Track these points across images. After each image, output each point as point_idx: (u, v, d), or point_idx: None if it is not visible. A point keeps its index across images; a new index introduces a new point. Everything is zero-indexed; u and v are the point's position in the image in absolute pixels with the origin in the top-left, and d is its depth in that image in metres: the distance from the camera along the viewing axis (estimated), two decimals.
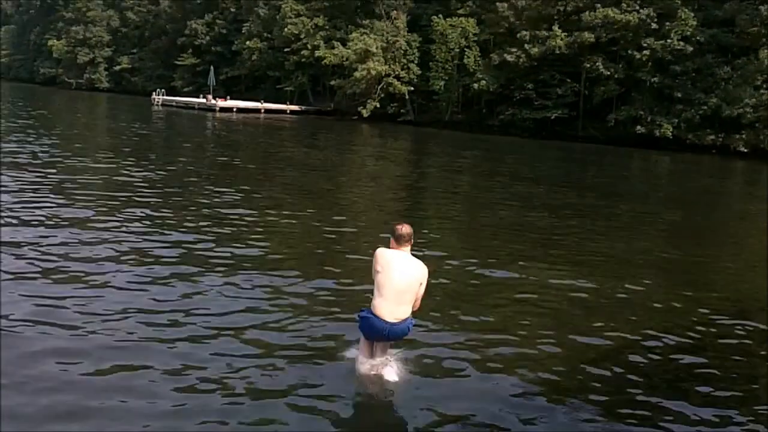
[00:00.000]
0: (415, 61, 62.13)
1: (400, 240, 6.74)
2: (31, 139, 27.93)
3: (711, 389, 7.30)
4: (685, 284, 11.83)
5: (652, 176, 35.69)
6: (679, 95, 49.65)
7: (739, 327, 9.40)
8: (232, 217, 14.65)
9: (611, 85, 52.06)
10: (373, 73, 60.57)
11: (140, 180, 18.98)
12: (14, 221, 12.67)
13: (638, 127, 50.38)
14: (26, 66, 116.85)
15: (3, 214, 13.12)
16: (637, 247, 15.00)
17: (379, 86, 61.91)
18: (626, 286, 11.15)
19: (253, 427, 5.86)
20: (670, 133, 49.29)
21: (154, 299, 8.84)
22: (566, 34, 52.90)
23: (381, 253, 6.70)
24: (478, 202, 21.08)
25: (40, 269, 9.80)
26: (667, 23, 50.08)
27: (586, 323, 9.19)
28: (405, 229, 6.77)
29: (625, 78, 51.72)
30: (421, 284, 6.66)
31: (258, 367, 6.96)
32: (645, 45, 50.27)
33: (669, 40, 49.55)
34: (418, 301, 6.73)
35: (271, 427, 5.89)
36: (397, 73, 61.82)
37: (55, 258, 10.43)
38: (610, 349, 8.26)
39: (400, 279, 6.52)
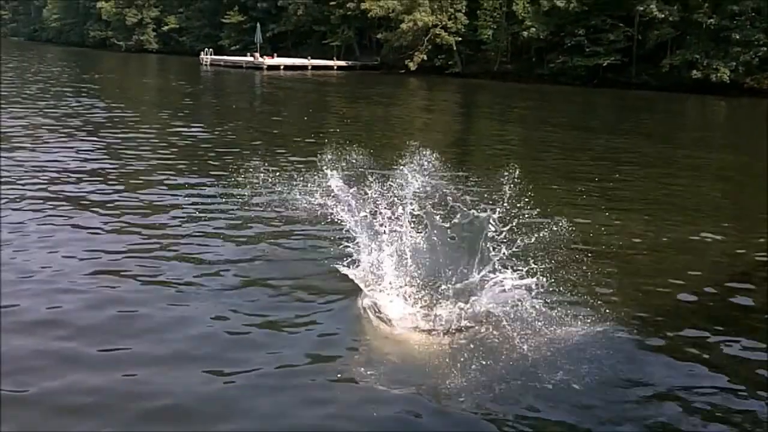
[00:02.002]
0: (463, 10, 61.09)
1: None
2: (89, 102, 28.48)
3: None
4: (745, 229, 11.62)
5: (708, 122, 34.85)
6: (737, 37, 47.84)
7: None
8: (287, 170, 14.81)
9: (665, 29, 50.55)
10: (420, 24, 59.86)
11: (198, 140, 19.26)
12: (81, 180, 13.22)
13: (694, 72, 48.91)
14: (76, 30, 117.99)
15: (71, 174, 13.64)
16: (695, 192, 14.79)
17: (426, 38, 61.19)
18: (682, 231, 11.08)
19: None
20: (727, 77, 47.70)
21: (210, 253, 9.16)
22: None
23: None
24: (530, 151, 20.87)
25: (110, 227, 10.31)
26: None
27: (645, 269, 9.18)
28: None
29: (680, 20, 50.07)
30: None
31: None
32: None
33: None
34: None
35: None
36: (444, 23, 60.94)
37: (124, 215, 10.94)
38: (668, 293, 8.29)
39: None
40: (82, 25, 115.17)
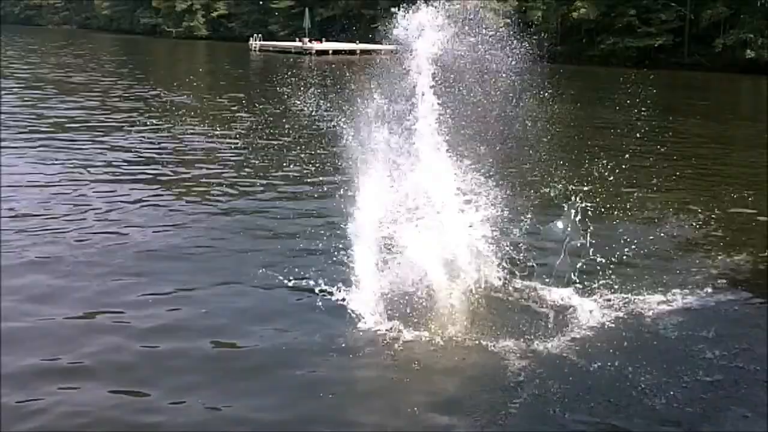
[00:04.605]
0: None
1: None
2: (153, 91, 29.35)
3: None
4: None
5: (763, 103, 34.47)
6: None
7: None
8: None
9: (719, 7, 49.75)
10: (469, 7, 59.56)
11: (258, 125, 19.84)
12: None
13: (747, 52, 48.13)
14: (127, 17, 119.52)
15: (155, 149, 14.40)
16: (751, 171, 14.97)
17: (474, 21, 60.86)
18: (741, 207, 11.29)
19: None
20: None
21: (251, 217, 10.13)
22: None
23: None
24: (583, 131, 21.02)
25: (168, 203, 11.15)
26: None
27: (706, 244, 9.45)
28: None
29: None
30: None
31: None
32: None
33: None
34: None
35: None
36: (492, 5, 60.58)
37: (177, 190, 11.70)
38: (728, 270, 8.58)
39: None
40: (133, 12, 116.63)
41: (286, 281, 7.84)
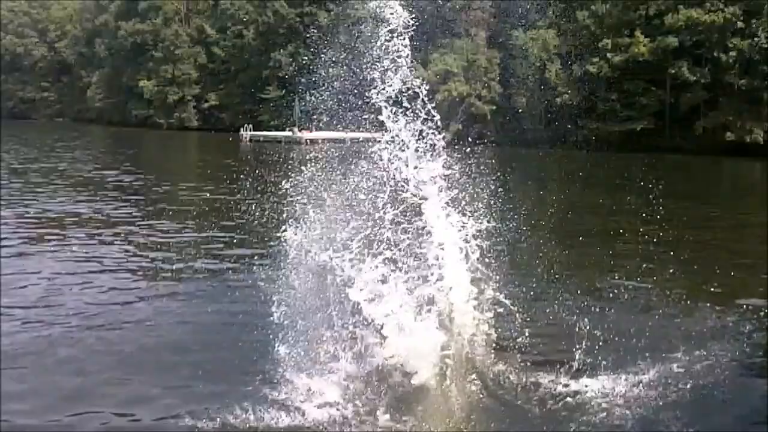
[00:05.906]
0: (496, 79, 62.24)
1: None
2: (143, 184, 29.66)
3: None
4: None
5: (742, 184, 35.12)
6: None
7: None
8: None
9: (698, 91, 51.13)
10: (455, 94, 61.05)
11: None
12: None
13: (728, 134, 49.24)
14: (119, 109, 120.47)
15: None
16: (736, 251, 15.12)
17: (461, 108, 62.27)
18: (727, 290, 11.43)
19: None
20: (761, 139, 47.92)
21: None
22: (649, 39, 52.20)
23: None
24: (572, 215, 21.25)
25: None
26: (754, 21, 48.91)
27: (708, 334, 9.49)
28: None
29: (711, 82, 50.72)
30: None
31: None
32: (731, 45, 49.17)
33: (756, 39, 48.36)
34: None
35: None
36: (478, 92, 62.09)
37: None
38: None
39: None
40: (125, 104, 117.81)
41: (276, 376, 7.79)
